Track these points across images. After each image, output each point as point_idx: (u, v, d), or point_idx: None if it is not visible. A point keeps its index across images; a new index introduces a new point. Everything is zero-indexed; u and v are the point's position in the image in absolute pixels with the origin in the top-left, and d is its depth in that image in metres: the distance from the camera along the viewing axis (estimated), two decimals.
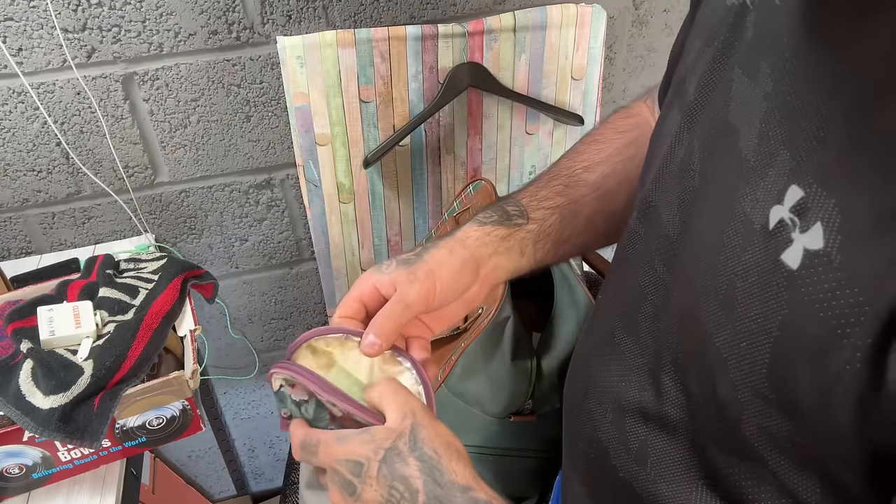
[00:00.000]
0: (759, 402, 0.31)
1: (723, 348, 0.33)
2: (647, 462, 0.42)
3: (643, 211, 0.45)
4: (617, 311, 0.48)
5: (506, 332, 0.70)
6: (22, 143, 0.91)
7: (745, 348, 0.31)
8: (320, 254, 1.12)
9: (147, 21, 0.87)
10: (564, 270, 0.79)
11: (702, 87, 0.40)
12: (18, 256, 1.01)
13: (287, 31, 0.93)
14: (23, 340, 0.70)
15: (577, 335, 0.72)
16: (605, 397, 0.47)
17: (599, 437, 0.47)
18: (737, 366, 0.32)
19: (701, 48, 0.42)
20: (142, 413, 0.71)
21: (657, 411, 0.42)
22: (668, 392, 0.40)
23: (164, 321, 0.76)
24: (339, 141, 1.01)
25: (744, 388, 0.32)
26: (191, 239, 1.08)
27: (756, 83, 0.35)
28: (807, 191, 0.29)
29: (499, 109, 1.08)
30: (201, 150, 0.99)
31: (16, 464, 0.68)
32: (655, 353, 0.42)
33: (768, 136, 0.33)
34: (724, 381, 0.33)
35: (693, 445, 0.39)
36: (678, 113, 0.43)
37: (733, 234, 0.33)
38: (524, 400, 0.70)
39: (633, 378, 0.44)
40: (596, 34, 1.03)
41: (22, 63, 0.85)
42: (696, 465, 0.39)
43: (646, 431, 0.43)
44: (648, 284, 0.43)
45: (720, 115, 0.37)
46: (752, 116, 0.34)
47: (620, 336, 0.46)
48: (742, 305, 0.32)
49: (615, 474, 0.45)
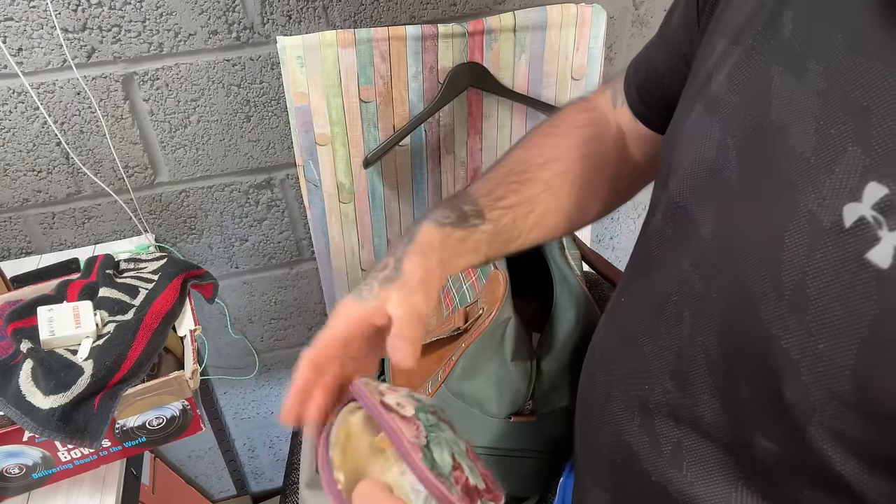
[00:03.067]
0: (835, 404, 0.31)
1: (792, 350, 0.32)
2: (682, 464, 0.41)
3: (670, 212, 0.44)
4: (637, 314, 0.47)
5: (507, 332, 0.70)
6: (22, 143, 0.91)
7: (822, 350, 0.31)
8: (320, 254, 1.12)
9: (147, 21, 0.87)
10: (564, 271, 0.79)
11: (733, 85, 0.40)
12: (18, 256, 1.01)
13: (287, 31, 0.93)
14: (23, 340, 0.70)
15: (576, 336, 0.72)
16: (631, 400, 0.46)
17: (627, 440, 0.46)
18: (811, 368, 0.31)
19: (727, 46, 0.41)
20: (142, 413, 0.71)
21: (690, 413, 0.41)
22: (701, 394, 0.40)
23: (164, 321, 0.76)
24: (339, 141, 1.01)
25: (818, 390, 0.31)
26: (191, 239, 1.08)
27: (804, 81, 0.34)
28: (891, 188, 0.29)
29: (499, 109, 1.08)
30: (201, 150, 0.99)
31: (16, 464, 0.68)
32: (678, 354, 0.41)
33: (829, 133, 0.32)
34: (794, 384, 0.32)
35: (732, 447, 0.38)
36: (704, 112, 0.42)
37: (797, 233, 0.33)
38: (524, 400, 0.70)
39: (657, 381, 0.43)
40: (596, 34, 1.03)
41: (22, 63, 0.85)
42: (736, 466, 0.38)
43: (679, 434, 0.42)
44: (672, 285, 0.43)
45: (760, 114, 0.37)
46: (804, 114, 0.34)
47: (642, 339, 0.46)
48: (816, 306, 0.31)
49: (647, 478, 0.44)
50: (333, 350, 0.41)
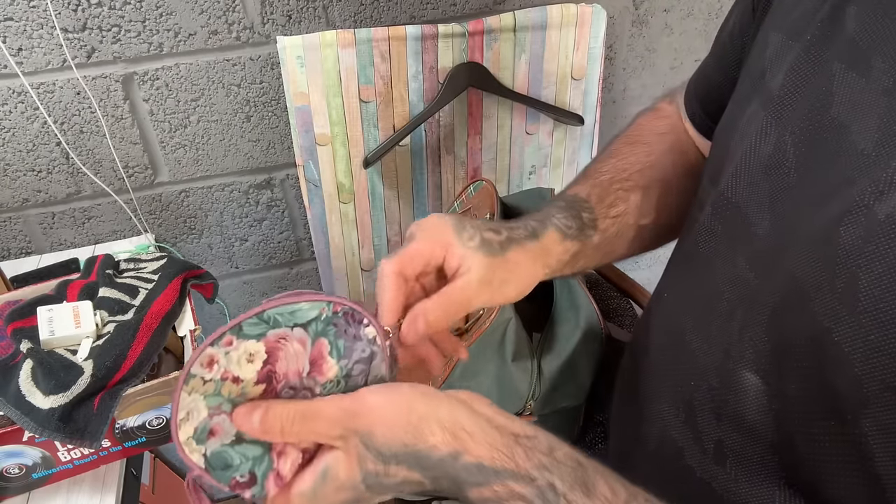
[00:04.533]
0: (888, 395, 0.30)
1: (843, 343, 0.32)
2: (726, 462, 0.41)
3: (720, 208, 0.44)
4: (686, 310, 0.47)
5: (507, 333, 0.70)
6: (22, 143, 0.91)
7: (874, 341, 0.31)
8: (320, 254, 1.12)
9: (147, 21, 0.87)
10: None
11: (792, 82, 0.39)
12: (18, 256, 1.01)
13: (287, 31, 0.93)
14: (23, 340, 0.70)
15: (577, 336, 0.72)
16: (678, 396, 0.46)
17: (672, 436, 0.46)
18: (863, 360, 0.31)
19: (784, 41, 0.41)
20: (142, 413, 0.71)
21: (732, 411, 0.40)
22: (747, 391, 0.39)
23: (164, 321, 0.76)
24: (339, 141, 1.01)
25: (871, 382, 0.31)
26: (191, 239, 1.08)
27: (869, 79, 0.34)
28: None
29: (499, 109, 1.08)
30: (201, 150, 0.99)
31: (16, 464, 0.68)
32: (727, 351, 0.41)
33: (893, 130, 0.32)
34: (846, 377, 0.32)
35: (776, 445, 0.38)
36: (760, 108, 0.42)
37: (853, 226, 0.33)
38: (525, 401, 0.70)
39: (704, 377, 0.43)
40: (596, 34, 1.03)
41: (22, 63, 0.85)
42: (779, 465, 0.38)
43: (719, 432, 0.42)
44: (726, 282, 0.42)
45: (821, 111, 0.37)
46: (867, 112, 0.34)
47: (691, 335, 0.45)
48: (868, 297, 0.31)
49: (692, 475, 0.44)
50: (418, 266, 0.43)
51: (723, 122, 0.48)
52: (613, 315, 0.91)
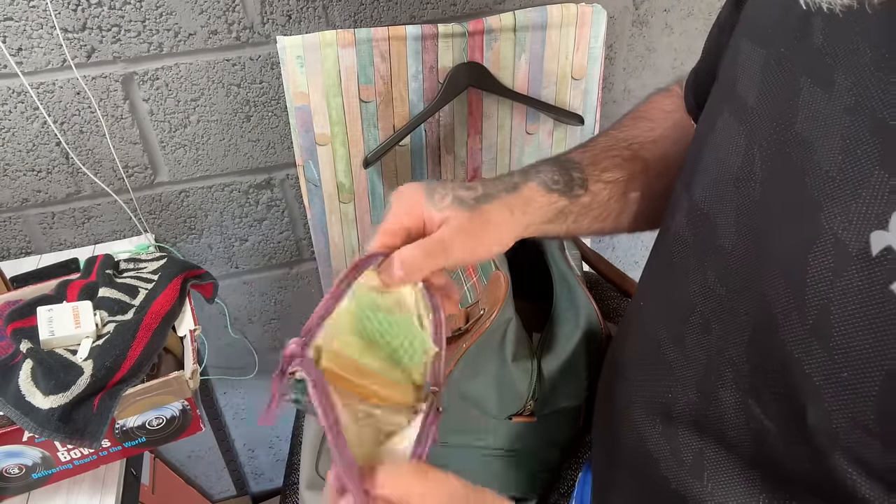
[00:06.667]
0: (858, 432, 0.30)
1: (815, 376, 0.32)
2: (703, 475, 0.41)
3: (693, 218, 0.44)
4: (661, 321, 0.46)
5: (507, 333, 0.70)
6: (22, 143, 0.91)
7: (846, 378, 0.30)
8: (320, 254, 1.12)
9: (147, 21, 0.86)
10: (564, 271, 0.78)
11: (762, 93, 0.38)
12: (18, 256, 1.01)
13: (287, 30, 0.93)
14: (22, 340, 0.70)
15: (577, 336, 0.72)
16: (654, 407, 0.46)
17: (647, 447, 0.46)
18: (834, 395, 0.31)
19: (752, 48, 0.40)
20: (142, 413, 0.71)
21: (714, 425, 0.40)
22: (727, 409, 0.39)
23: (164, 321, 0.76)
24: (339, 141, 1.01)
25: (841, 418, 0.30)
26: (191, 239, 1.08)
27: (831, 95, 0.33)
28: None
29: (499, 109, 1.08)
30: (201, 150, 0.99)
31: (16, 464, 0.68)
32: (707, 366, 0.41)
33: (856, 153, 0.31)
34: (817, 410, 0.32)
35: (756, 461, 0.37)
36: (732, 118, 0.41)
37: (822, 256, 0.32)
38: (525, 401, 0.70)
39: (682, 390, 0.43)
40: (596, 34, 1.03)
41: (22, 63, 0.85)
42: (760, 480, 0.37)
43: (701, 444, 0.41)
44: (698, 295, 0.42)
45: (786, 126, 0.36)
46: (830, 130, 0.33)
47: (667, 347, 0.45)
48: (841, 334, 0.30)
49: (666, 486, 0.43)
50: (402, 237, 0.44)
51: (699, 125, 0.47)
52: (613, 315, 0.91)
